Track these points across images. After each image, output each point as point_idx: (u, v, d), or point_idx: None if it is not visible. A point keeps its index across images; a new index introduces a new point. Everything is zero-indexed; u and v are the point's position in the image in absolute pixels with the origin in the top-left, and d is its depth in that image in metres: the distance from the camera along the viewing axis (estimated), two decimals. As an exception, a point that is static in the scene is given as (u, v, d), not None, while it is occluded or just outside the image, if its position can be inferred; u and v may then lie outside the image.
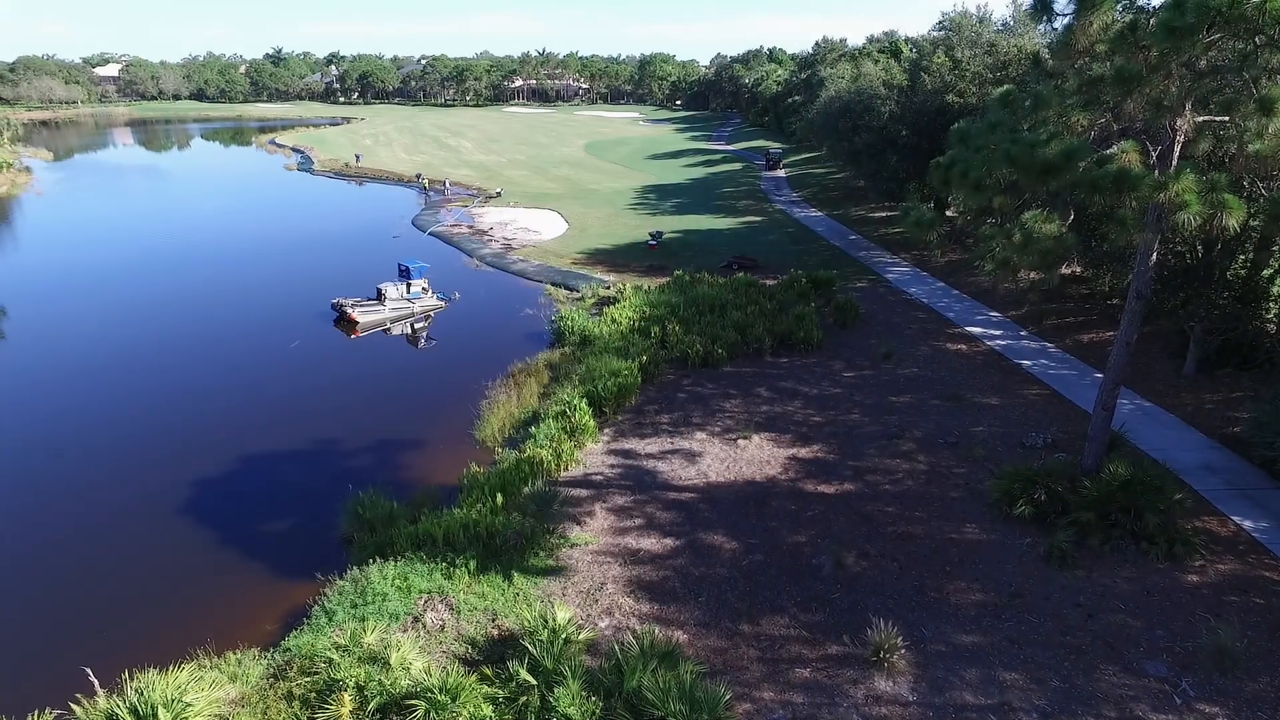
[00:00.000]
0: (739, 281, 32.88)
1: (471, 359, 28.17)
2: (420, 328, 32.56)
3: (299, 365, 27.60)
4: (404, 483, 19.29)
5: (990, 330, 28.79)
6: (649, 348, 25.70)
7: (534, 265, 40.01)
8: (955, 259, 38.07)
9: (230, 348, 29.36)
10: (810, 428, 21.35)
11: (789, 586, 14.73)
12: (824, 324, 28.84)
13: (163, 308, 34.18)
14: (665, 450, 20.20)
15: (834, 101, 45.99)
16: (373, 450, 21.27)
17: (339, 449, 21.37)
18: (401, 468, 20.33)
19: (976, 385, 23.94)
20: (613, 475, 19.02)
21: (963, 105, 34.33)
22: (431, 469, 20.10)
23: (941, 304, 32.17)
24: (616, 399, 22.19)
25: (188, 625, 14.25)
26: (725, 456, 19.78)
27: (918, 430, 20.98)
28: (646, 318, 28.95)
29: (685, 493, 18.14)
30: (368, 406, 24.07)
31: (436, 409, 23.84)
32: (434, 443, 21.63)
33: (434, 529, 15.56)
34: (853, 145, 41.23)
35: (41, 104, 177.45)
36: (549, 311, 32.56)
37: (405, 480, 19.49)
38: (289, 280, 39.04)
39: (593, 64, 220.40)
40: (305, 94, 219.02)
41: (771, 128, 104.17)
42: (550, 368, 26.35)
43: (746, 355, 26.62)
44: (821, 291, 32.29)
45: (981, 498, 17.50)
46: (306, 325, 32.04)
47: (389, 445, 21.54)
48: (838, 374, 25.16)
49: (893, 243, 42.71)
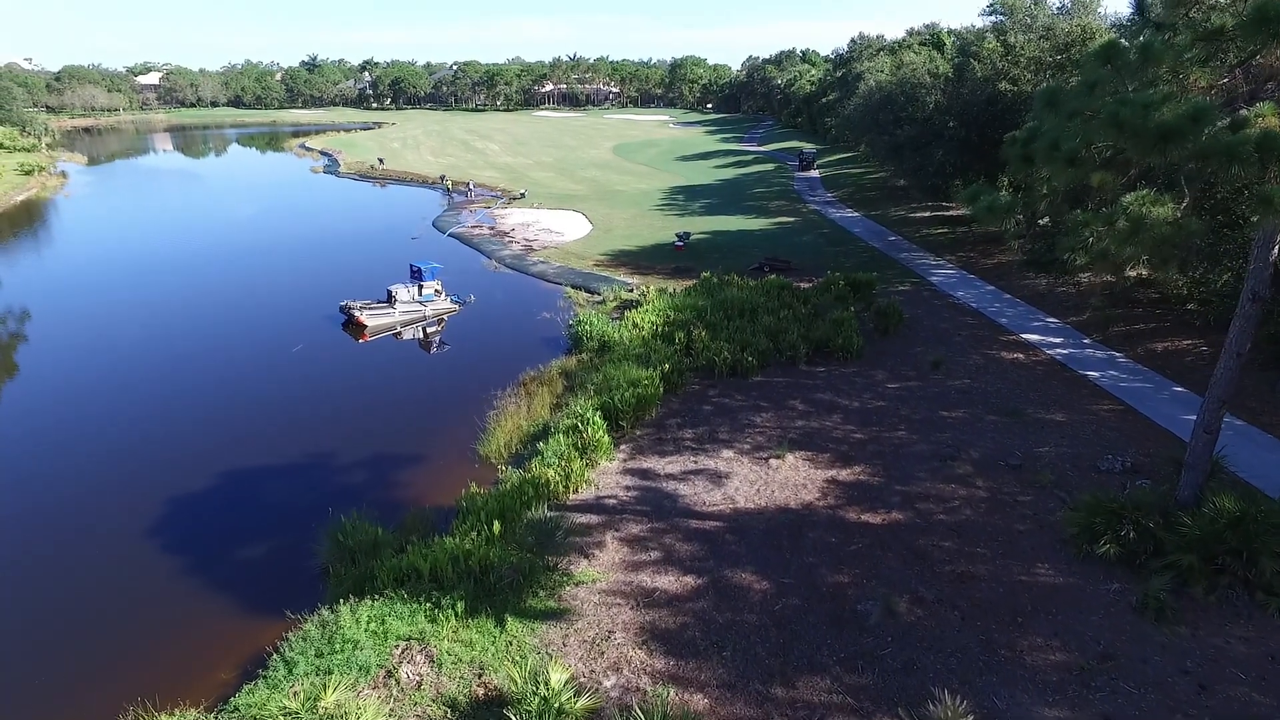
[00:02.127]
0: (771, 284, 30.62)
1: (483, 365, 26.32)
2: (433, 331, 30.84)
3: (299, 371, 25.99)
4: (397, 503, 17.40)
5: (1049, 337, 26.14)
6: (672, 355, 23.59)
7: (554, 267, 38.15)
8: (1006, 260, 35.33)
9: (231, 351, 27.88)
10: (851, 446, 19.04)
11: (830, 638, 12.48)
12: (864, 330, 26.47)
13: (167, 310, 32.95)
14: (688, 470, 18.05)
15: (874, 93, 43.44)
16: (367, 465, 19.45)
17: (331, 464, 19.59)
18: (396, 486, 18.46)
19: (1038, 399, 21.40)
20: (628, 499, 16.92)
21: (1016, 94, 31.70)
22: (428, 488, 18.20)
23: (992, 309, 29.55)
24: (635, 412, 20.11)
25: (132, 673, 12.46)
26: (755, 478, 17.57)
27: (974, 450, 18.54)
28: (670, 322, 26.84)
29: (709, 521, 15.97)
30: (367, 416, 22.31)
31: (440, 420, 21.98)
32: (434, 458, 19.75)
33: (419, 562, 13.61)
34: (894, 139, 38.65)
35: (84, 111, 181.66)
36: (568, 315, 30.61)
37: (398, 501, 17.60)
38: (302, 282, 37.69)
39: (623, 68, 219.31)
40: (339, 100, 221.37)
41: (805, 129, 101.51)
42: (565, 376, 24.37)
43: (779, 364, 24.37)
44: (861, 295, 29.88)
45: (1054, 531, 15.07)
46: (314, 328, 30.51)
47: (385, 460, 19.70)
48: (881, 385, 22.78)
49: (937, 244, 40.04)
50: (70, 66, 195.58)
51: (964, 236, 40.77)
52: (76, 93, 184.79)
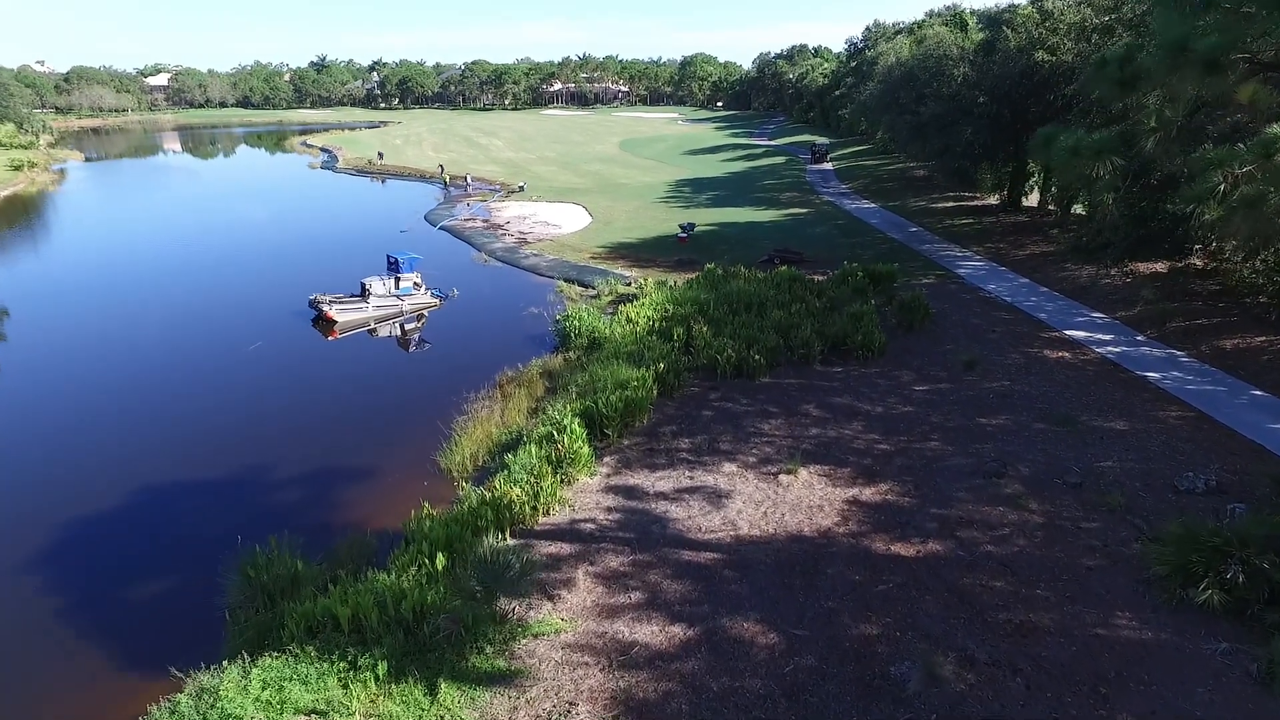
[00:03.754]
0: (781, 276, 27.76)
1: (460, 365, 23.62)
2: (411, 328, 28.18)
3: (254, 371, 23.36)
4: (335, 527, 14.70)
5: (1096, 334, 23.13)
6: (669, 353, 20.78)
7: (547, 260, 35.42)
8: (1040, 251, 32.29)
9: (183, 350, 25.32)
10: (876, 459, 16.15)
11: (856, 713, 9.64)
12: (885, 326, 23.58)
13: (125, 305, 30.49)
14: (682, 488, 15.22)
15: (895, 69, 40.41)
16: (310, 481, 16.76)
17: (269, 478, 16.91)
18: (339, 506, 15.76)
19: (1092, 403, 18.43)
20: (608, 523, 14.11)
21: (1054, 64, 28.67)
22: (376, 508, 15.48)
23: (1029, 303, 26.54)
24: (623, 418, 17.30)
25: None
26: (762, 498, 14.72)
27: (1023, 465, 15.61)
28: (669, 317, 24.03)
29: (706, 552, 13.14)
30: (321, 423, 19.65)
31: (403, 427, 19.28)
32: (389, 472, 17.03)
33: (339, 607, 10.85)
34: (917, 118, 35.61)
35: (92, 112, 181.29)
36: (558, 310, 27.87)
37: (338, 523, 14.89)
38: (276, 276, 35.14)
39: (632, 66, 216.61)
40: (347, 100, 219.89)
41: (818, 123, 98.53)
42: (549, 376, 21.63)
43: (790, 363, 21.51)
44: (881, 288, 26.98)
45: (1132, 569, 12.16)
46: (280, 324, 27.92)
47: (332, 474, 17.00)
48: (907, 388, 19.87)
49: (962, 235, 37.00)
50: (79, 67, 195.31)
51: (991, 227, 37.72)
52: (84, 93, 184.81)
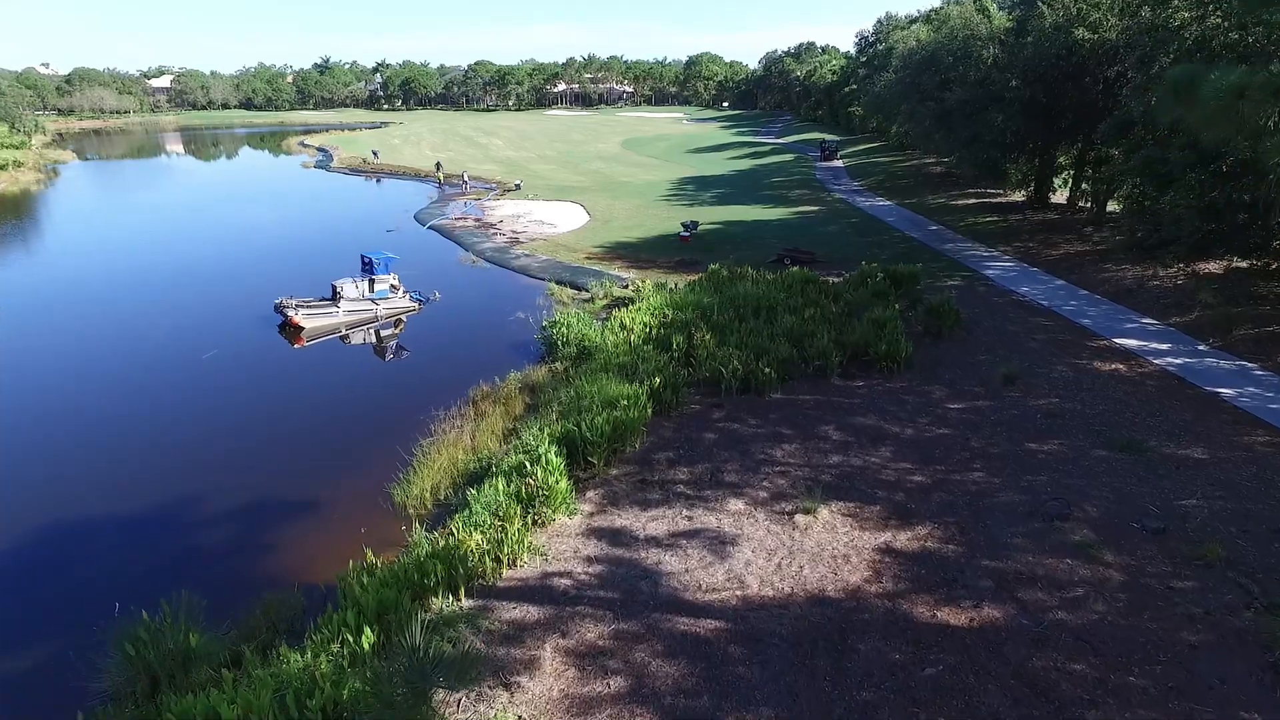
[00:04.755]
0: (793, 277, 25.21)
1: (432, 377, 21.17)
2: (388, 335, 25.72)
3: (204, 384, 20.91)
4: (260, 579, 12.19)
5: (1151, 343, 20.47)
6: (666, 365, 18.22)
7: (539, 261, 32.92)
8: (1075, 251, 29.62)
9: (130, 359, 22.93)
10: (910, 494, 13.56)
11: None
12: (910, 333, 20.99)
13: (77, 306, 28.11)
14: (678, 531, 12.66)
15: (916, 53, 37.72)
16: (239, 518, 14.27)
17: (192, 516, 14.43)
18: (268, 550, 13.25)
19: (1159, 425, 15.80)
20: (588, 578, 11.55)
21: (1096, 42, 26.01)
22: (311, 554, 12.98)
23: (1069, 307, 23.89)
24: (610, 443, 14.75)
25: None
26: (775, 545, 12.15)
27: (1089, 503, 12.98)
28: (668, 323, 21.50)
29: (706, 619, 10.57)
30: (268, 446, 17.17)
31: (358, 451, 16.79)
32: (334, 507, 14.53)
33: (224, 706, 8.32)
34: (941, 106, 32.94)
35: (94, 113, 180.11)
36: (547, 315, 25.37)
37: (264, 574, 12.39)
38: (250, 279, 32.70)
39: (637, 67, 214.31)
40: (350, 101, 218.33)
41: (826, 121, 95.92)
42: (530, 390, 19.11)
43: (805, 376, 18.93)
44: (904, 291, 24.39)
45: (1245, 646, 9.55)
46: (244, 331, 25.49)
47: (267, 510, 14.51)
48: (940, 405, 17.26)
49: (987, 234, 34.34)
50: (80, 69, 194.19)
51: (1018, 225, 35.03)
52: (85, 95, 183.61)
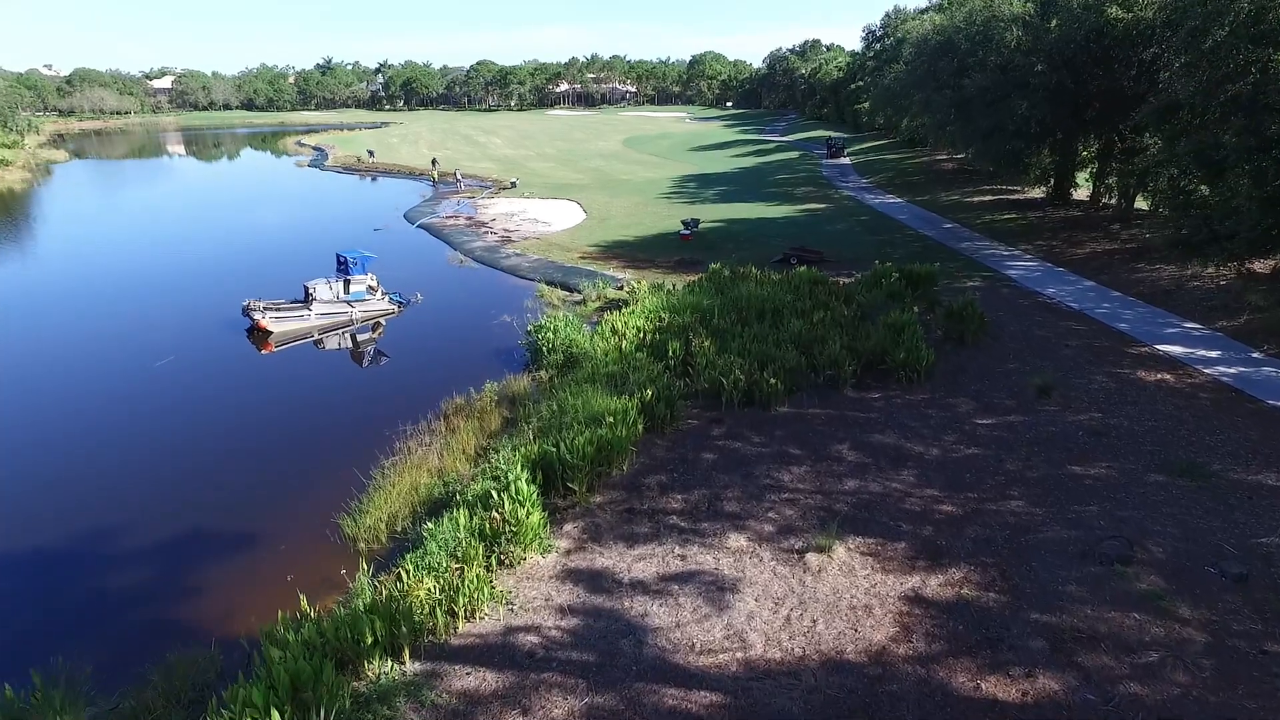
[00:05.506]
0: (800, 278, 23.35)
1: (405, 387, 19.40)
2: (365, 340, 23.93)
3: (149, 398, 19.11)
4: (177, 630, 10.37)
5: (1198, 349, 18.53)
6: (660, 375, 16.36)
7: (530, 260, 31.10)
8: (1102, 250, 27.67)
9: (81, 371, 21.15)
10: (939, 528, 11.66)
11: None
12: (930, 338, 19.09)
13: (35, 316, 26.38)
14: (670, 574, 10.79)
15: (929, 39, 35.72)
16: (163, 557, 12.46)
17: (109, 554, 12.62)
18: (190, 595, 11.44)
19: (1220, 445, 13.87)
20: (559, 635, 9.68)
21: (1131, 22, 24.05)
22: (238, 599, 11.16)
23: (1101, 310, 21.95)
24: (594, 466, 12.88)
25: None
26: (783, 592, 10.28)
27: (1153, 542, 11.07)
28: (664, 328, 19.66)
29: (700, 690, 8.70)
30: (210, 467, 15.38)
31: (311, 473, 14.99)
32: (272, 541, 12.71)
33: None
34: (959, 94, 30.93)
35: (94, 114, 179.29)
36: (536, 318, 23.54)
37: (181, 624, 10.58)
38: (225, 280, 30.90)
39: (640, 66, 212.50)
40: (352, 102, 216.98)
41: (832, 119, 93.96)
42: (509, 402, 17.26)
43: (815, 387, 17.05)
44: (921, 292, 22.53)
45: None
46: (209, 336, 23.75)
47: (199, 544, 12.69)
48: (967, 421, 15.36)
49: (1005, 232, 32.40)
50: (81, 70, 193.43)
51: (1039, 223, 33.08)
52: (86, 96, 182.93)
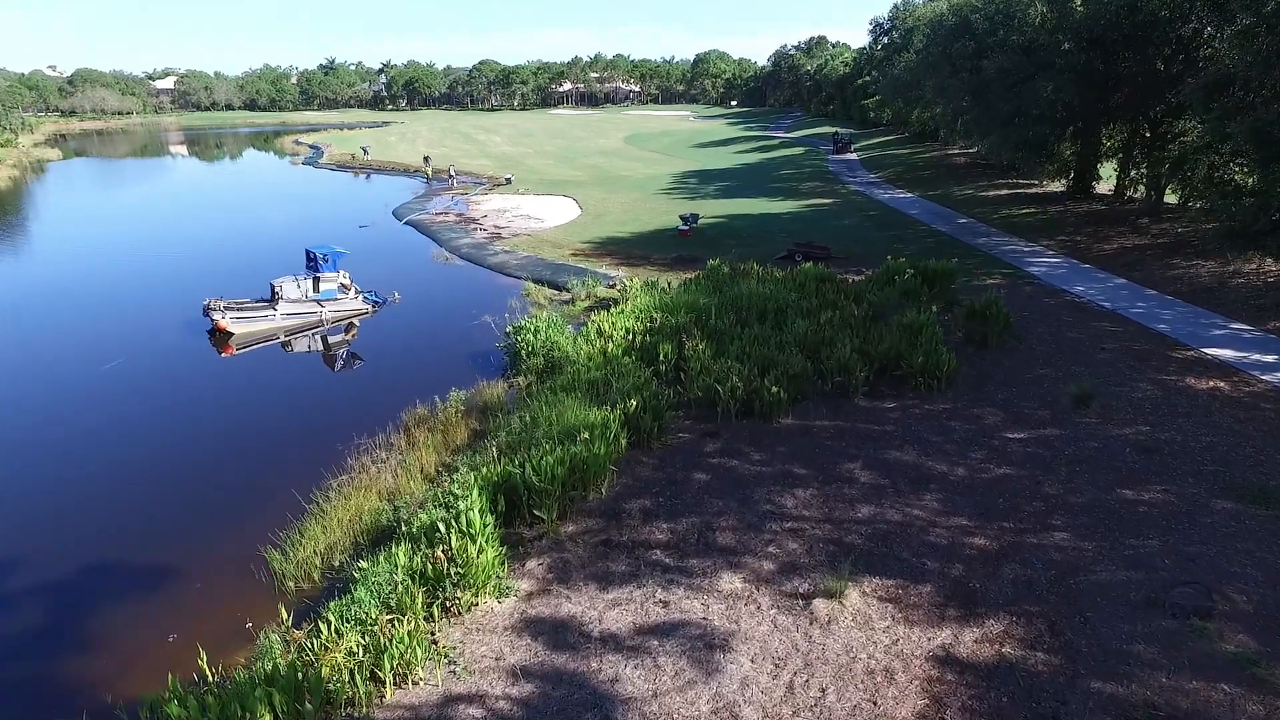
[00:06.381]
0: (806, 275, 21.49)
1: (370, 394, 17.64)
2: (336, 342, 22.16)
3: (86, 407, 17.34)
4: (47, 701, 8.56)
5: (1253, 354, 16.60)
6: (648, 382, 14.52)
7: (519, 257, 29.30)
8: (1132, 245, 25.73)
9: (15, 376, 19.40)
10: (971, 567, 9.79)
11: None
12: (949, 340, 17.22)
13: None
14: (649, 626, 8.95)
15: (945, 20, 33.73)
16: (53, 600, 10.66)
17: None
18: (71, 654, 9.62)
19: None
20: (508, 709, 7.84)
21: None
22: (131, 661, 9.35)
23: (1136, 310, 20.03)
24: (566, 491, 11.05)
25: None
26: (785, 650, 8.43)
27: (1233, 588, 9.18)
28: (655, 329, 17.82)
29: (678, 790, 6.86)
30: (132, 490, 13.65)
31: (245, 497, 13.20)
32: (188, 580, 10.92)
33: None
34: (977, 77, 28.89)
35: (95, 114, 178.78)
36: (520, 318, 21.71)
37: (56, 692, 8.75)
38: (194, 279, 29.11)
39: (643, 65, 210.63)
40: (354, 102, 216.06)
41: (838, 115, 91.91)
42: (481, 413, 15.45)
43: (822, 395, 15.20)
44: (939, 290, 20.64)
45: None
46: (166, 337, 22.02)
47: (95, 587, 10.92)
48: (996, 434, 13.48)
49: (1024, 227, 30.47)
50: (83, 70, 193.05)
51: (1060, 217, 31.12)
52: (87, 96, 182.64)
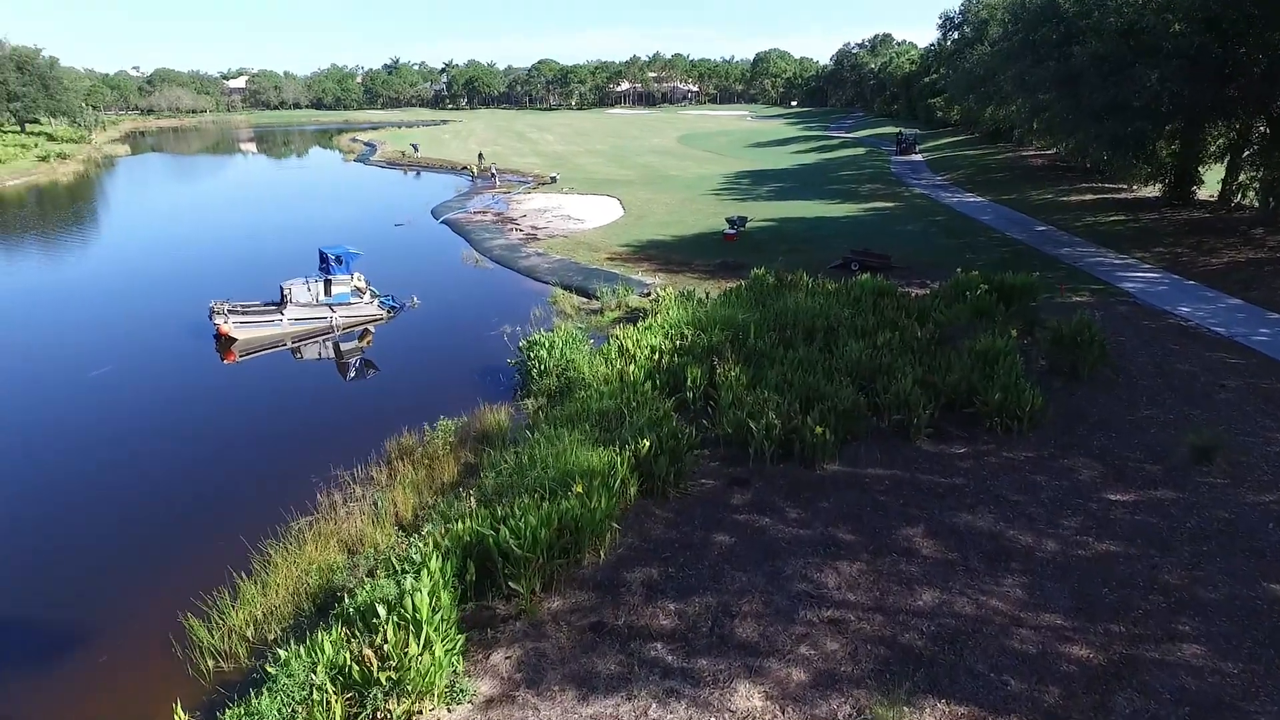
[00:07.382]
0: (862, 288, 18.97)
1: (363, 416, 15.96)
2: (349, 350, 20.67)
3: (53, 420, 16.08)
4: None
5: None
6: (667, 416, 12.36)
7: (551, 261, 27.46)
8: (1245, 259, 22.38)
9: (20, 378, 18.42)
10: (1070, 690, 7.35)
11: None
12: (1030, 369, 14.58)
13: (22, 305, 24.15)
14: (634, 760, 6.83)
15: (1027, 4, 30.34)
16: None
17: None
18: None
19: None
20: None
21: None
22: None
23: (1260, 337, 16.94)
24: (550, 558, 8.99)
25: None
26: (815, 816, 6.19)
27: None
28: (686, 348, 15.64)
29: None
30: (59, 527, 12.12)
31: (184, 543, 11.55)
32: (87, 651, 9.26)
33: None
34: (1065, 66, 25.49)
35: (171, 112, 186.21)
36: (545, 328, 19.80)
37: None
38: (217, 281, 28.19)
39: (701, 65, 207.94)
40: (416, 101, 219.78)
41: (902, 116, 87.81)
42: (481, 440, 13.54)
43: (876, 435, 12.78)
44: (1017, 309, 17.87)
45: None
46: (169, 342, 20.89)
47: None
48: (1094, 494, 10.90)
49: (1113, 236, 27.18)
50: (161, 70, 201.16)
51: (1155, 226, 27.70)
52: (164, 95, 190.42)
